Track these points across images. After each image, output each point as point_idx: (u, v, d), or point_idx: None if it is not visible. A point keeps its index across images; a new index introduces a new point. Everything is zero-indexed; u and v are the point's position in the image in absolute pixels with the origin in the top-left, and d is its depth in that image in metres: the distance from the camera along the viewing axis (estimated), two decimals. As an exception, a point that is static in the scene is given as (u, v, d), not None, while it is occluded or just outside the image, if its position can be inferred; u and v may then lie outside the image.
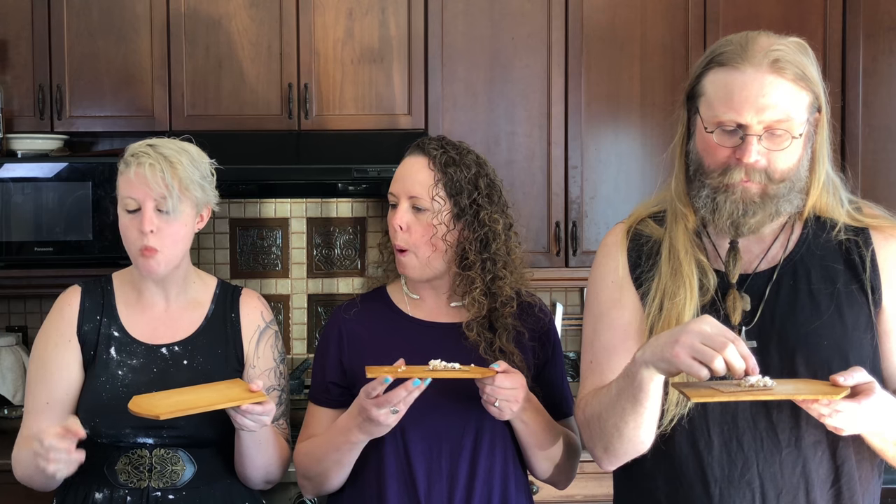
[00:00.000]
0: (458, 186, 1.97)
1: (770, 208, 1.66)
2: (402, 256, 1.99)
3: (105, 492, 2.04)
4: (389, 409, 1.81)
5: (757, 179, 1.64)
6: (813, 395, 1.54)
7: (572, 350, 3.73)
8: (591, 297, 1.86)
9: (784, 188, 1.65)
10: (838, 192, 1.75)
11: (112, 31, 3.26)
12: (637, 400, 1.62)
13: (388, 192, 2.02)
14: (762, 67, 1.61)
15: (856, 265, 1.71)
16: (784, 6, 3.37)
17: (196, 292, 2.17)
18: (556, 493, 2.99)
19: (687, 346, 1.50)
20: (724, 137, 1.64)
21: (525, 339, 2.02)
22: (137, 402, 1.87)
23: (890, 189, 3.32)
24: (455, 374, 1.82)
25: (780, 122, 1.61)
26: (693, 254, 1.73)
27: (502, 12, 3.34)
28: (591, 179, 3.37)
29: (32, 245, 3.15)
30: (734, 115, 1.61)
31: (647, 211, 1.85)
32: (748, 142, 1.61)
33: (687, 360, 1.50)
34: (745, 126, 1.61)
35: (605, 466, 1.79)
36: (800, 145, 1.65)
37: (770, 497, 1.68)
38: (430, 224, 1.96)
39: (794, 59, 1.63)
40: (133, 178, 2.02)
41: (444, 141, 2.02)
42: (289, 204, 3.65)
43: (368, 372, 1.83)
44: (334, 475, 1.97)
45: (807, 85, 1.64)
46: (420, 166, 1.98)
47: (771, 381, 1.54)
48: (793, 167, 1.65)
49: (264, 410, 1.89)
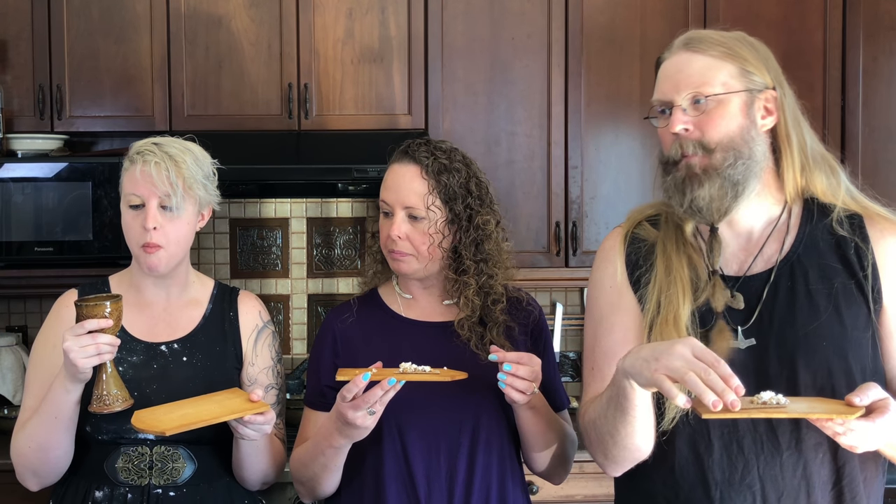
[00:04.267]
0: (452, 193, 1.98)
1: (717, 180, 1.67)
2: (401, 259, 1.98)
3: (105, 489, 2.05)
4: (366, 410, 1.80)
5: (691, 150, 1.68)
6: (827, 415, 1.51)
7: (572, 350, 3.73)
8: (591, 302, 1.86)
9: (727, 158, 1.67)
10: (837, 172, 1.76)
11: (112, 31, 3.27)
12: (624, 409, 1.62)
13: (380, 199, 2.01)
14: (679, 50, 1.74)
15: (852, 263, 1.71)
16: (784, 6, 3.37)
17: (195, 292, 2.18)
18: (557, 493, 3.01)
19: (665, 366, 1.50)
20: (659, 120, 1.74)
21: (515, 333, 2.02)
22: (140, 419, 1.87)
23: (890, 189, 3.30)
24: (425, 376, 1.82)
25: (697, 88, 1.68)
26: (685, 251, 1.75)
27: (502, 12, 3.35)
28: (591, 179, 3.37)
29: (32, 245, 3.15)
30: (659, 95, 1.74)
31: (643, 214, 1.86)
32: (672, 113, 1.70)
33: (665, 381, 1.50)
34: (667, 102, 1.71)
35: (609, 473, 1.79)
36: (731, 112, 1.67)
37: (771, 500, 1.67)
38: (426, 233, 1.97)
39: (714, 38, 1.71)
40: (138, 175, 2.03)
41: (433, 145, 2.01)
42: (289, 204, 3.65)
43: (339, 375, 1.84)
44: (324, 479, 1.97)
45: (733, 58, 1.69)
46: (413, 175, 1.98)
47: (784, 399, 1.52)
48: (729, 134, 1.67)
49: (266, 420, 1.90)
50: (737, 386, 1.46)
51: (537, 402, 1.93)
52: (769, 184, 1.73)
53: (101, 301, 1.89)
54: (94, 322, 1.87)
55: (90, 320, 1.87)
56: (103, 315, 1.87)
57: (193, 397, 1.97)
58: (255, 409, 1.88)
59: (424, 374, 1.82)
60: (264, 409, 1.88)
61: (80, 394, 1.95)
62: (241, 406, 1.90)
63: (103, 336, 1.87)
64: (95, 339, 1.86)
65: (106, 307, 1.88)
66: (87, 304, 1.88)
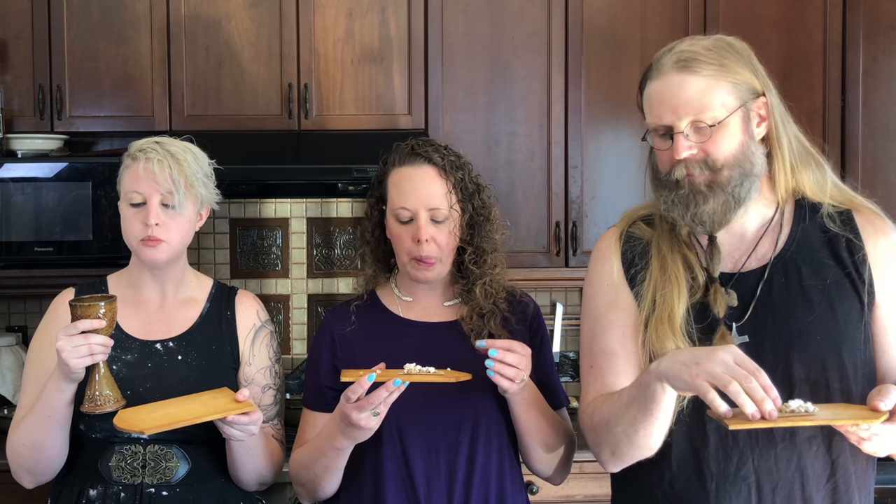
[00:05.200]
0: (468, 189, 1.98)
1: (721, 196, 1.68)
2: (428, 265, 1.96)
3: (99, 488, 2.05)
4: (371, 411, 1.80)
5: (698, 171, 1.68)
6: (853, 420, 1.54)
7: (572, 350, 3.73)
8: (588, 301, 1.87)
9: (733, 176, 1.68)
10: (821, 165, 1.77)
11: (112, 31, 3.27)
12: (649, 410, 1.62)
13: (397, 207, 1.97)
14: (671, 71, 1.70)
15: (844, 258, 1.72)
16: (784, 6, 3.37)
17: (192, 290, 2.18)
18: (557, 493, 3.01)
19: (707, 372, 1.50)
20: (659, 141, 1.73)
21: (513, 324, 2.02)
22: (122, 418, 1.87)
23: (890, 189, 3.32)
24: (430, 377, 1.82)
25: (698, 115, 1.67)
26: (680, 250, 1.76)
27: (502, 13, 3.35)
28: (591, 179, 3.37)
29: (32, 245, 3.15)
30: (657, 119, 1.72)
31: (638, 214, 1.88)
32: (675, 140, 1.69)
33: (705, 386, 1.50)
34: (669, 127, 1.69)
35: (609, 469, 1.80)
36: (732, 132, 1.68)
37: (766, 492, 1.69)
38: (451, 233, 1.97)
39: (703, 55, 1.69)
40: (141, 172, 2.04)
41: (437, 144, 2.02)
42: (289, 204, 3.65)
43: (344, 376, 1.83)
44: (325, 481, 1.97)
45: (725, 74, 1.68)
46: (431, 176, 1.96)
47: (813, 407, 1.53)
48: (734, 153, 1.68)
49: (250, 420, 1.90)
50: (775, 396, 1.47)
51: (530, 394, 1.92)
52: (763, 187, 1.75)
53: (96, 302, 1.89)
54: (87, 323, 1.87)
55: (83, 321, 1.87)
56: (97, 316, 1.87)
57: (180, 397, 1.97)
58: (239, 409, 1.87)
59: (429, 376, 1.82)
60: (249, 410, 1.88)
61: (74, 393, 1.95)
62: (225, 406, 1.89)
63: (96, 337, 1.87)
64: (88, 339, 1.86)
65: (100, 308, 1.88)
66: (81, 304, 1.89)
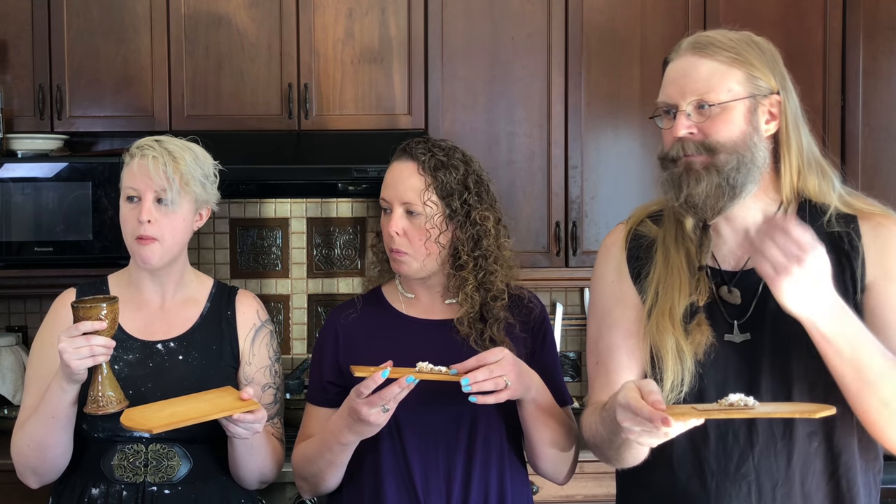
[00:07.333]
0: (449, 189, 1.99)
1: (715, 178, 1.68)
2: (399, 258, 2.00)
3: (101, 487, 2.05)
4: (381, 407, 1.81)
5: (693, 151, 1.69)
6: (791, 414, 1.57)
7: (572, 350, 3.73)
8: (594, 297, 1.89)
9: (729, 161, 1.68)
10: (828, 175, 1.77)
11: (112, 31, 3.27)
12: (617, 434, 1.63)
13: (380, 197, 2.03)
14: (687, 52, 1.74)
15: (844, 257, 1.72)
16: (784, 6, 3.37)
17: (192, 290, 2.19)
18: (557, 492, 3.01)
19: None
20: (663, 121, 1.76)
21: (516, 331, 2.03)
22: (129, 416, 1.88)
23: (890, 189, 3.32)
24: (443, 377, 1.83)
25: (703, 95, 1.69)
26: (684, 245, 1.77)
27: (502, 12, 3.35)
28: (591, 179, 3.37)
29: (32, 245, 3.15)
30: (665, 97, 1.75)
31: (647, 211, 1.88)
32: (677, 118, 1.71)
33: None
34: (673, 105, 1.72)
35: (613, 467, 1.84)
36: (734, 118, 1.69)
37: (766, 489, 1.69)
38: (423, 228, 1.98)
39: (722, 42, 1.72)
40: (136, 169, 2.06)
41: (431, 143, 2.03)
42: (289, 204, 3.66)
43: (356, 371, 1.84)
44: (328, 476, 1.98)
45: (740, 64, 1.70)
46: (410, 171, 1.99)
47: (752, 401, 1.55)
48: (733, 139, 1.68)
49: (255, 419, 1.90)
50: (655, 401, 1.51)
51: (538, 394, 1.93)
52: (767, 184, 1.74)
53: (97, 303, 1.89)
54: (88, 324, 1.87)
55: (85, 322, 1.87)
56: (99, 317, 1.87)
57: (184, 395, 1.98)
58: (244, 408, 1.88)
59: (441, 374, 1.83)
60: (254, 408, 1.89)
61: (77, 394, 1.96)
62: (230, 404, 1.90)
63: (98, 338, 1.87)
64: (90, 340, 1.86)
65: (102, 309, 1.88)
66: (82, 305, 1.89)
